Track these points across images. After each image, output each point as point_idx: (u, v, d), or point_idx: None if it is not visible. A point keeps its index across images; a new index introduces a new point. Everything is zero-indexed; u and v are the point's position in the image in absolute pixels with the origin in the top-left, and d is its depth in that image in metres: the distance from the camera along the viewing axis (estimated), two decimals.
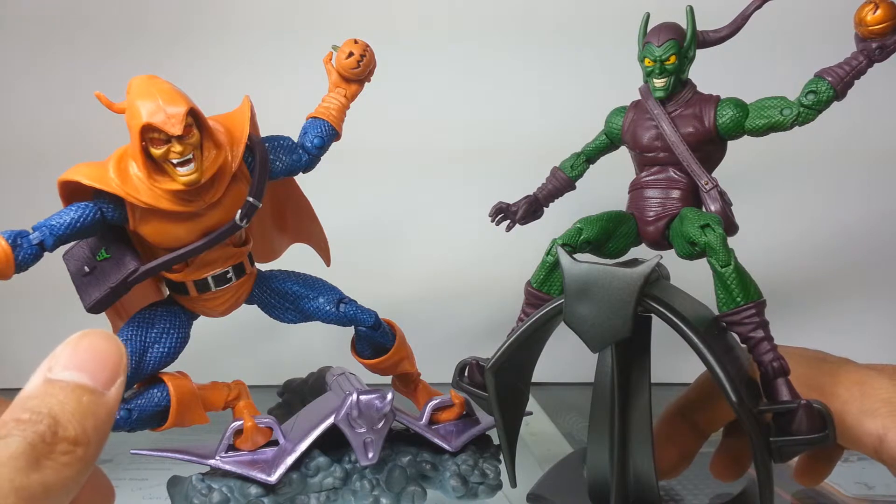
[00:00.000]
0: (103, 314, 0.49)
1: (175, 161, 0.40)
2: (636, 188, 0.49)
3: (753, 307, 0.41)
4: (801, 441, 0.39)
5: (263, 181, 0.45)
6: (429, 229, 0.85)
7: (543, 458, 0.62)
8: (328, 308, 0.50)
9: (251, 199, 0.44)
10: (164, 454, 0.47)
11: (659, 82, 0.46)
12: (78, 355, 0.25)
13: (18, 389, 0.24)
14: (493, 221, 0.55)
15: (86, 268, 0.45)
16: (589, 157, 0.53)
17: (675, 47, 0.45)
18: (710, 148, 0.47)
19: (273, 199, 0.54)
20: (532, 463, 0.61)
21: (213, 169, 0.41)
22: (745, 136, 0.47)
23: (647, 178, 0.48)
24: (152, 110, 0.39)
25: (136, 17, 0.79)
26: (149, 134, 0.39)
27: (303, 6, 0.80)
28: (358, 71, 0.47)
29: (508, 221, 0.55)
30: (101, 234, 0.45)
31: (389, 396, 0.47)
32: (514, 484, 0.47)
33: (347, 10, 0.79)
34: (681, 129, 0.46)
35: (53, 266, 0.46)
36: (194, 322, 0.50)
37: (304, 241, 0.58)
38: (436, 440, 0.50)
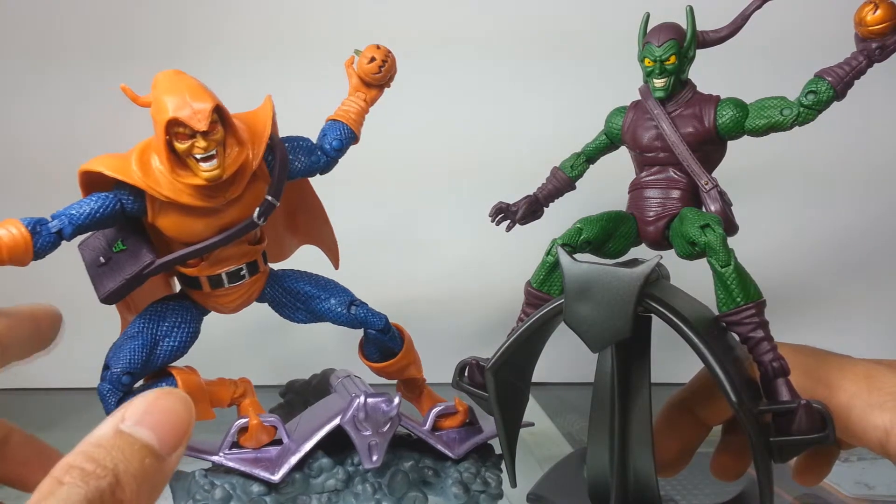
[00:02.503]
0: (114, 308, 0.49)
1: (198, 156, 0.40)
2: (636, 188, 0.49)
3: (753, 307, 0.41)
4: (801, 441, 0.38)
5: (283, 181, 0.45)
6: (430, 231, 0.85)
7: (543, 459, 0.62)
8: (339, 310, 0.50)
9: (270, 198, 0.45)
10: None
11: (659, 82, 0.46)
12: (153, 414, 0.26)
13: (22, 389, 0.25)
14: (493, 221, 0.55)
15: (101, 259, 0.45)
16: (589, 156, 0.54)
17: (675, 47, 0.46)
18: (710, 148, 0.47)
19: (286, 200, 0.54)
20: (532, 463, 0.61)
21: (235, 166, 0.42)
22: (746, 137, 0.47)
23: (647, 179, 0.48)
24: (179, 105, 0.39)
25: (134, 30, 0.80)
26: (174, 128, 0.40)
27: (302, 21, 0.81)
28: (379, 76, 0.48)
29: (508, 221, 0.55)
30: (119, 226, 0.45)
31: (396, 400, 0.47)
32: (513, 484, 0.47)
33: (347, 25, 0.80)
34: (681, 129, 0.46)
35: (61, 262, 0.46)
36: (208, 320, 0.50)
37: (313, 243, 0.59)
38: (439, 447, 0.50)
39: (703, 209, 0.46)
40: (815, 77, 0.44)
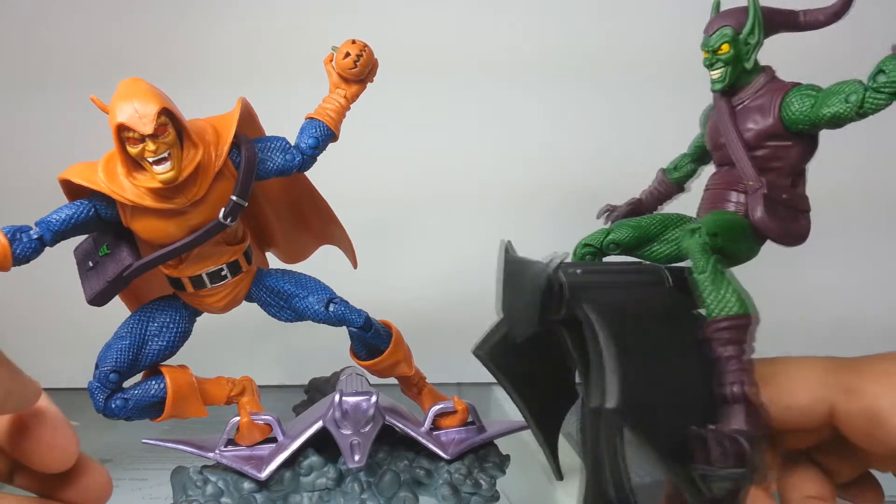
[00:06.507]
0: (123, 306, 0.51)
1: (150, 159, 0.41)
2: (706, 189, 0.45)
3: (727, 321, 0.36)
4: (716, 474, 0.34)
5: (249, 180, 0.45)
6: (434, 231, 0.85)
7: (545, 460, 0.61)
8: (317, 307, 0.50)
9: (235, 198, 0.45)
10: (171, 445, 0.48)
11: (713, 73, 0.43)
12: None
13: None
14: (598, 218, 0.53)
15: (90, 262, 0.46)
16: (693, 156, 0.50)
17: (728, 35, 0.42)
18: (779, 144, 0.41)
19: (290, 200, 0.55)
20: (533, 463, 0.60)
21: (191, 167, 0.42)
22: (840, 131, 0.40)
23: (716, 178, 0.44)
24: (125, 110, 0.40)
25: (132, 46, 0.82)
26: (124, 133, 0.41)
27: (302, 40, 0.80)
28: (356, 71, 0.47)
29: (606, 214, 0.53)
30: (104, 230, 0.46)
31: (373, 399, 0.47)
32: (558, 476, 0.45)
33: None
34: (743, 124, 0.42)
35: (63, 263, 0.48)
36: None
37: (330, 243, 0.59)
38: (431, 446, 0.50)
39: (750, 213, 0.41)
40: (890, 55, 0.38)
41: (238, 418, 0.48)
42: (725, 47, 0.42)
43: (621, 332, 0.36)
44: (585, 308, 0.36)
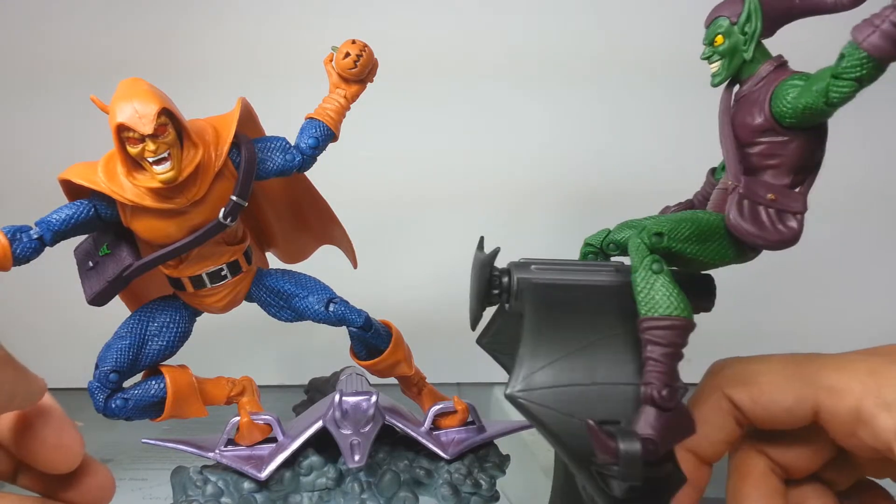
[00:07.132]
0: (123, 306, 0.51)
1: (150, 159, 0.41)
2: (716, 189, 0.42)
3: (651, 322, 0.35)
4: (604, 470, 0.33)
5: (249, 180, 0.45)
6: (434, 231, 0.85)
7: (544, 458, 0.61)
8: (317, 307, 0.50)
9: (235, 198, 0.45)
10: (170, 445, 0.48)
11: (712, 67, 0.40)
12: None
13: None
14: None
15: (90, 262, 0.46)
16: None
17: (722, 26, 0.39)
18: (773, 140, 0.38)
19: (290, 200, 0.55)
20: (532, 464, 0.60)
21: (191, 167, 0.42)
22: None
23: (724, 178, 0.42)
24: (125, 110, 0.40)
25: (132, 48, 0.81)
26: (124, 133, 0.41)
27: (298, 40, 0.80)
28: (356, 71, 0.47)
29: None
30: (104, 230, 0.46)
31: (373, 399, 0.47)
32: None
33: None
34: (741, 119, 0.39)
35: (64, 263, 0.48)
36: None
37: (330, 243, 0.59)
38: (431, 446, 0.50)
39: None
40: (850, 40, 0.34)
41: (238, 418, 0.48)
42: (720, 39, 0.40)
43: (547, 326, 0.37)
44: (524, 303, 0.38)
